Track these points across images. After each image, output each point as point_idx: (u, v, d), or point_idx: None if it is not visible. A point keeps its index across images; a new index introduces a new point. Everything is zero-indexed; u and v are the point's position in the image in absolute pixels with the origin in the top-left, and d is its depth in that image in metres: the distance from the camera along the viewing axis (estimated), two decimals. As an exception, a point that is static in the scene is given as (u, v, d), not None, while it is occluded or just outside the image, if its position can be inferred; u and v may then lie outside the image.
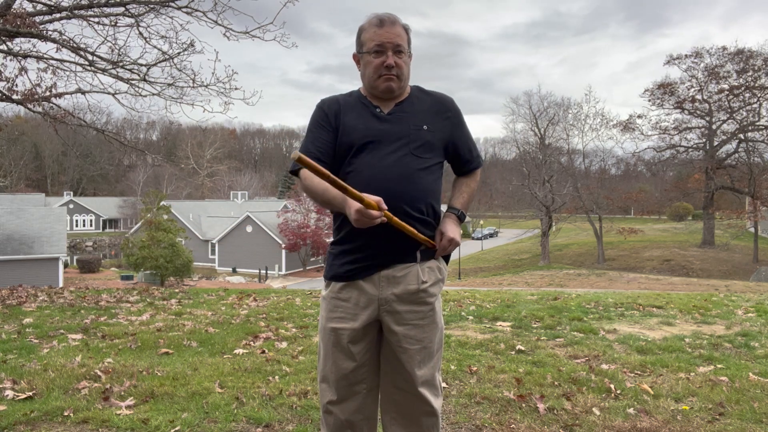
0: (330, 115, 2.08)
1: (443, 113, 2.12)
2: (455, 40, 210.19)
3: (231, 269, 42.68)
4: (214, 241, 44.99)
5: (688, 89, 42.62)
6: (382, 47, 2.00)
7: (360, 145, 2.01)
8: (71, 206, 63.99)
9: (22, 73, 10.01)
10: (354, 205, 1.78)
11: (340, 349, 2.04)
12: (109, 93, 11.10)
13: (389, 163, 1.98)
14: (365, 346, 2.06)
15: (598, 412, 3.17)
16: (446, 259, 2.19)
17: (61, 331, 5.57)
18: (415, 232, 1.97)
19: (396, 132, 2.03)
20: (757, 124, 40.65)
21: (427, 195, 2.04)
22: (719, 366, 4.11)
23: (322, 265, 41.84)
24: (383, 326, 2.06)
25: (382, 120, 2.05)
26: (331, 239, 2.15)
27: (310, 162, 1.67)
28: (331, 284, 2.09)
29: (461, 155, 2.20)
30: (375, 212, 1.76)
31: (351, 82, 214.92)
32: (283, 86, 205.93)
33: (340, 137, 2.04)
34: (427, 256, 2.07)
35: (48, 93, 10.40)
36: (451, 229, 2.07)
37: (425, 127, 2.05)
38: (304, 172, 1.99)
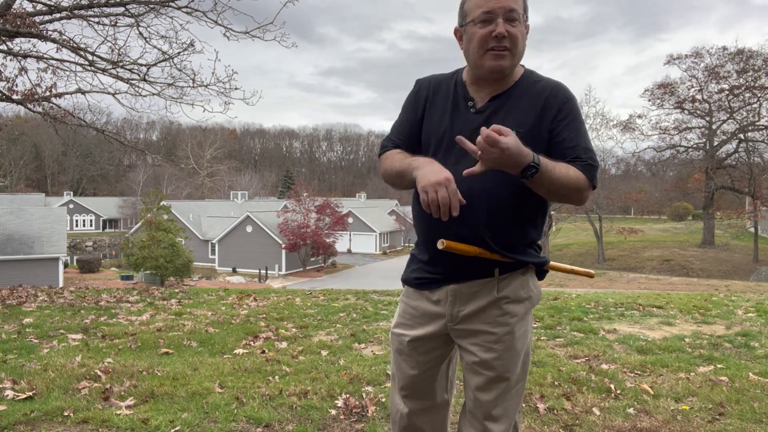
0: (419, 100, 1.83)
1: (548, 110, 1.67)
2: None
3: (231, 269, 42.66)
4: (214, 241, 44.97)
5: (688, 89, 42.67)
6: (491, 13, 1.62)
7: (435, 145, 1.75)
8: (71, 206, 63.96)
9: (22, 73, 10.00)
10: (428, 177, 1.55)
11: (403, 355, 1.89)
12: (109, 93, 11.10)
13: (460, 177, 1.59)
14: (430, 358, 1.86)
15: (598, 412, 3.17)
16: (540, 274, 1.85)
17: (61, 331, 5.57)
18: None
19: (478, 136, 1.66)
20: (757, 124, 40.67)
21: (507, 219, 1.68)
22: (719, 366, 4.11)
23: (322, 264, 41.87)
24: (455, 342, 1.85)
25: (469, 119, 1.72)
26: None
27: (456, 245, 1.65)
28: (405, 287, 1.92)
29: (563, 151, 1.67)
30: (443, 194, 1.50)
31: (356, 84, 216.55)
32: (289, 88, 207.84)
33: (423, 129, 1.81)
34: (508, 271, 1.75)
35: (48, 93, 10.39)
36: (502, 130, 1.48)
37: (515, 132, 1.62)
38: (384, 157, 1.86)
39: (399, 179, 1.76)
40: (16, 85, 9.91)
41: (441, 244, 1.64)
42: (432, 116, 1.79)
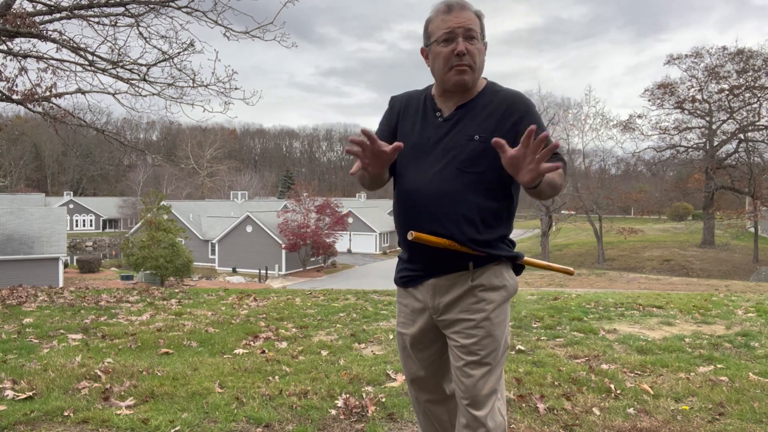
0: (393, 114, 2.02)
1: (508, 117, 1.84)
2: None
3: (231, 269, 42.67)
4: (214, 241, 44.98)
5: (688, 89, 42.73)
6: (451, 33, 1.81)
7: (408, 153, 1.90)
8: (71, 206, 63.99)
9: (22, 73, 10.00)
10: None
11: (407, 352, 2.06)
12: (109, 93, 11.10)
13: (429, 178, 1.84)
14: (428, 354, 2.03)
15: (598, 412, 3.17)
16: (517, 270, 1.99)
17: (61, 331, 5.57)
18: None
19: (446, 142, 1.86)
20: (757, 124, 40.71)
21: (475, 216, 1.83)
22: (719, 366, 4.11)
23: (322, 264, 41.87)
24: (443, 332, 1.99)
25: (437, 127, 1.90)
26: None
27: (424, 236, 1.81)
28: (397, 288, 2.09)
29: None
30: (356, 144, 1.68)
31: (356, 85, 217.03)
32: (289, 88, 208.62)
33: (396, 139, 1.96)
34: (482, 264, 1.89)
35: (48, 93, 10.39)
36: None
37: (477, 137, 1.83)
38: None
39: (362, 177, 1.92)
40: (16, 85, 9.91)
41: (410, 236, 1.81)
42: (404, 127, 1.98)
